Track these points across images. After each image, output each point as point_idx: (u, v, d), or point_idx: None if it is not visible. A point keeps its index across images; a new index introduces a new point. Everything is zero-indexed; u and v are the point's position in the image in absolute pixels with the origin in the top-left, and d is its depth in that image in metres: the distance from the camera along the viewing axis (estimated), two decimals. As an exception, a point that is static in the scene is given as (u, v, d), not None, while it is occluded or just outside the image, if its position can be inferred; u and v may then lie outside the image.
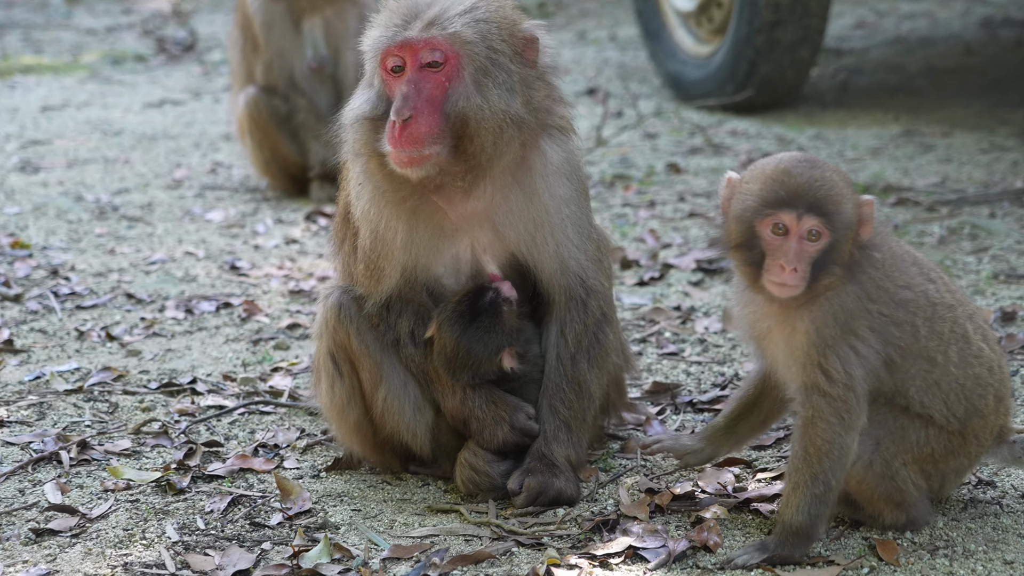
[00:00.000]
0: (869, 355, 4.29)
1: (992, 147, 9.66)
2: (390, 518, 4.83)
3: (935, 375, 4.37)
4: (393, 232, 4.86)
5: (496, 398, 4.94)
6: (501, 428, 4.92)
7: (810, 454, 4.29)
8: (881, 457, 4.36)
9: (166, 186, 9.81)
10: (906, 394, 4.36)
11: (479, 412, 4.93)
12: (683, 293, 7.10)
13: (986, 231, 7.75)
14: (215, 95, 13.12)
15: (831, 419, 4.27)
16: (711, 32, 11.25)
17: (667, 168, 9.66)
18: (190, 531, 4.77)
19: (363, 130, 4.78)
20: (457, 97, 4.67)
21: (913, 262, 4.43)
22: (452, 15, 4.71)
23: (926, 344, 4.35)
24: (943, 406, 4.37)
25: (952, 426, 4.39)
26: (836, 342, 4.26)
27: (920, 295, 4.36)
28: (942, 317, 4.38)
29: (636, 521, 4.65)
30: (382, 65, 4.74)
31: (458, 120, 4.67)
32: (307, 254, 8.12)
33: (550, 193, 4.87)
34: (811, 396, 4.29)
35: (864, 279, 4.30)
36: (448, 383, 4.95)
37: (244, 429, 5.65)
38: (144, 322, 6.95)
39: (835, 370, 4.26)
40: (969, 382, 4.40)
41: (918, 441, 4.38)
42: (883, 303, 4.31)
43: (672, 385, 5.83)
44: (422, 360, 4.97)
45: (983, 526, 4.53)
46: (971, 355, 4.41)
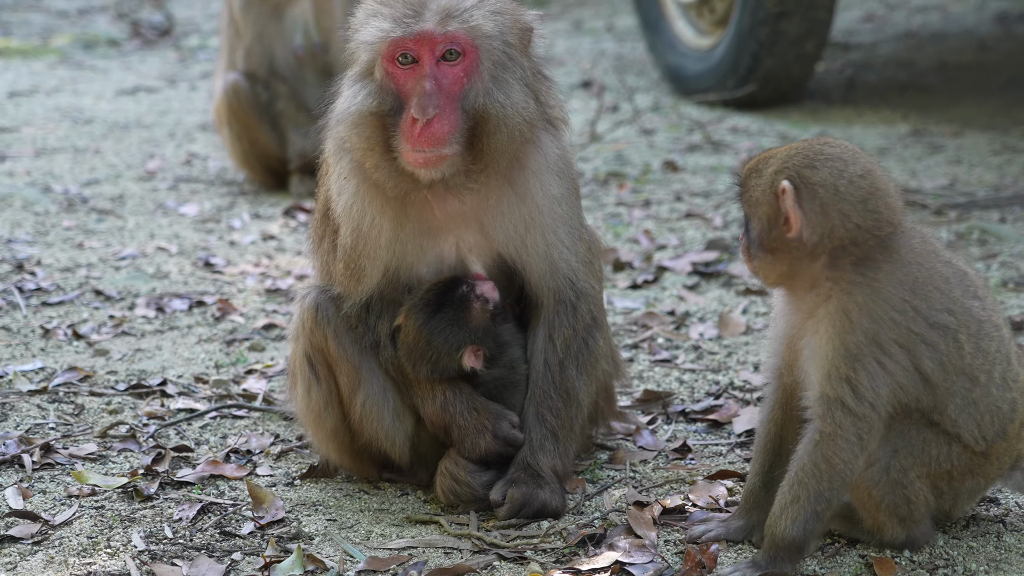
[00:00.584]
0: (896, 372, 4.20)
1: (1004, 148, 9.59)
2: (367, 529, 4.75)
3: (975, 394, 4.28)
4: (378, 230, 4.76)
5: (478, 405, 4.84)
6: (484, 437, 4.81)
7: (821, 470, 4.20)
8: (899, 464, 4.28)
9: (138, 178, 9.72)
10: (944, 411, 4.27)
11: (460, 419, 4.82)
12: (678, 297, 7.02)
13: (996, 236, 7.67)
14: (192, 82, 13.05)
15: (851, 438, 4.19)
16: (713, 23, 11.15)
17: (664, 166, 9.58)
18: (157, 540, 4.67)
19: (367, 125, 4.64)
20: (476, 93, 4.59)
21: (960, 280, 4.32)
22: (468, 6, 4.61)
23: (971, 362, 4.27)
24: (976, 427, 4.29)
25: (979, 447, 4.31)
26: (863, 355, 4.17)
27: (963, 311, 4.26)
28: (989, 335, 4.30)
29: (624, 535, 4.56)
30: (388, 57, 4.60)
31: (477, 117, 4.58)
32: (285, 251, 8.03)
33: (543, 192, 4.79)
34: (834, 410, 4.18)
35: (890, 291, 4.19)
36: (428, 387, 4.84)
37: (216, 434, 5.56)
38: (113, 320, 6.85)
39: (863, 386, 4.17)
40: (1005, 405, 4.33)
41: (939, 457, 4.30)
42: (913, 321, 4.21)
43: (664, 393, 5.74)
44: (401, 364, 4.87)
45: (985, 545, 4.45)
46: (1011, 378, 4.35)
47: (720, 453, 5.23)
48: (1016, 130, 10.05)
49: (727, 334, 6.39)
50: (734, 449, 5.25)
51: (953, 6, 14.68)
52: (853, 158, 4.25)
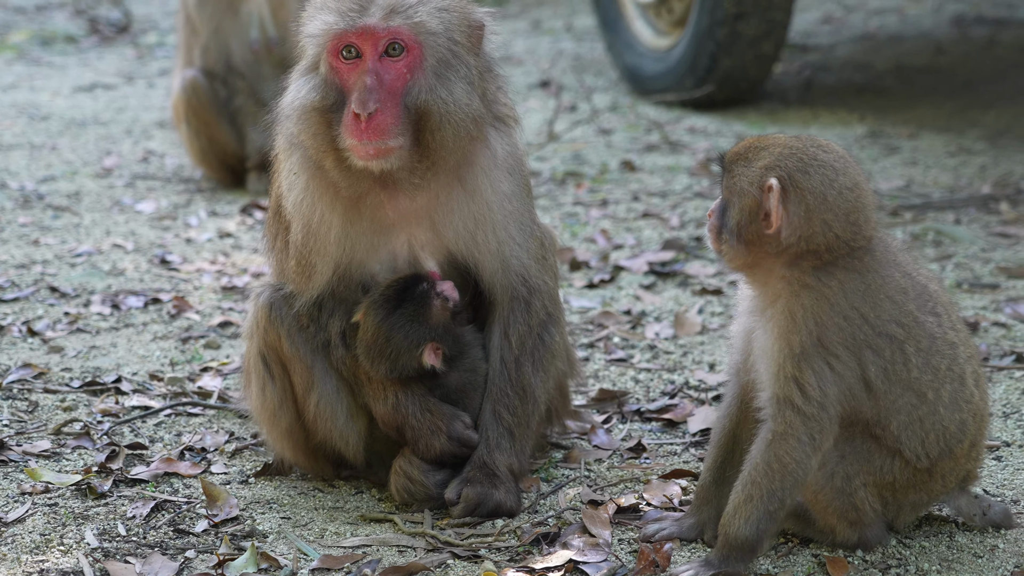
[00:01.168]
0: (844, 373, 4.20)
1: (960, 150, 9.61)
2: (321, 527, 4.73)
3: (921, 411, 4.28)
4: (327, 226, 4.74)
5: (431, 406, 4.82)
6: (438, 438, 4.80)
7: (773, 469, 4.19)
8: (844, 471, 4.28)
9: (95, 174, 9.66)
10: (886, 426, 4.27)
11: (413, 421, 4.81)
12: (634, 297, 7.00)
13: (951, 238, 7.69)
14: (149, 79, 12.98)
15: (803, 437, 4.19)
16: (671, 24, 11.14)
17: (621, 166, 9.56)
18: (110, 537, 4.65)
19: (312, 121, 4.63)
20: (419, 90, 4.57)
21: (918, 295, 4.31)
22: (413, 2, 4.60)
23: (918, 376, 4.26)
24: (919, 445, 4.30)
25: (921, 464, 4.32)
26: (809, 356, 4.17)
27: (915, 324, 4.26)
28: (940, 352, 4.29)
29: (579, 534, 4.55)
30: (332, 51, 4.59)
31: (419, 113, 4.56)
32: (242, 248, 7.98)
33: (492, 189, 4.77)
34: (784, 410, 4.19)
35: (838, 298, 4.20)
36: (380, 388, 4.82)
37: (170, 431, 5.53)
38: (68, 317, 6.81)
39: (810, 386, 4.17)
40: (954, 426, 4.33)
41: (882, 467, 4.31)
42: (859, 327, 4.21)
43: (619, 393, 5.73)
44: (354, 363, 4.85)
45: (938, 545, 4.46)
46: (963, 399, 4.34)
47: (675, 452, 5.24)
48: (972, 132, 10.08)
49: (683, 334, 6.39)
50: (688, 448, 5.26)
51: (910, 9, 14.72)
52: (844, 168, 4.24)
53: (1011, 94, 11.04)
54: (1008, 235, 7.70)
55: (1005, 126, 10.17)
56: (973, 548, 4.42)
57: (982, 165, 9.19)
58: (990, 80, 11.52)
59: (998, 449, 5.10)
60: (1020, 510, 4.65)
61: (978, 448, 4.41)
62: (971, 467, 4.43)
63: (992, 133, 10.00)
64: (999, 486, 4.81)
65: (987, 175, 8.93)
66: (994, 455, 5.06)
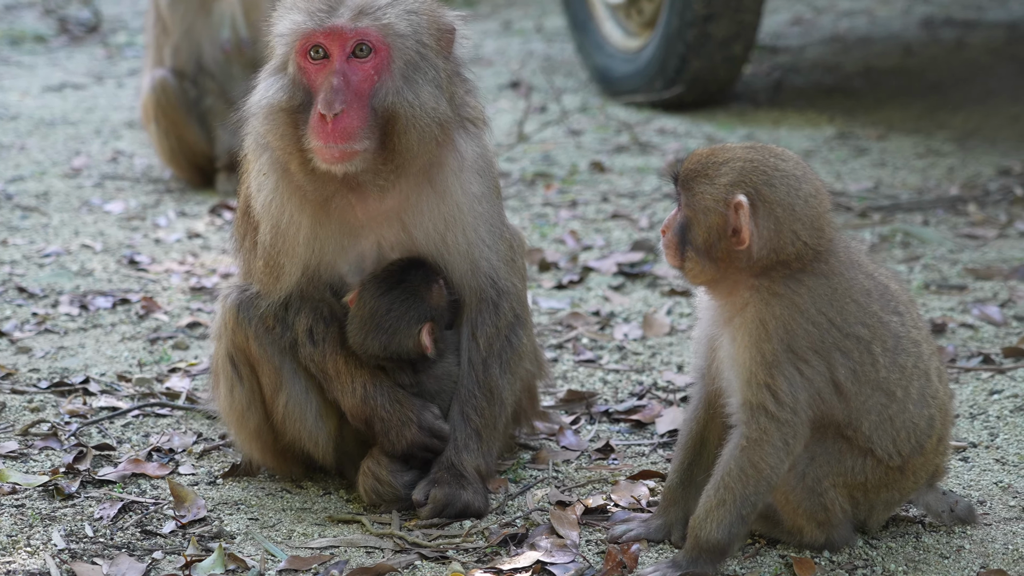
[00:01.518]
0: (814, 378, 4.21)
1: (928, 152, 9.63)
2: (289, 528, 4.72)
3: (892, 410, 4.30)
4: (296, 227, 4.73)
5: (400, 397, 4.82)
6: (408, 428, 4.80)
7: (748, 475, 4.21)
8: (814, 473, 4.30)
9: (64, 175, 9.61)
10: (857, 427, 4.28)
11: (382, 412, 4.80)
12: (603, 298, 7.00)
13: (919, 239, 7.71)
14: (119, 79, 12.93)
15: (777, 443, 4.20)
16: (641, 25, 11.14)
17: (591, 167, 9.56)
18: (78, 538, 4.64)
19: (278, 121, 4.62)
20: (386, 92, 4.56)
21: (881, 294, 4.32)
22: (382, 4, 4.60)
23: (886, 375, 4.28)
24: (891, 444, 4.31)
25: (894, 462, 4.33)
26: (780, 362, 4.19)
27: (879, 324, 4.27)
28: (906, 351, 4.31)
29: (546, 535, 4.56)
30: (300, 51, 4.59)
31: (386, 115, 4.55)
32: (211, 249, 7.96)
33: (463, 191, 4.77)
34: (758, 416, 4.20)
35: (807, 304, 4.21)
36: (348, 380, 4.81)
37: (138, 432, 5.51)
38: (36, 317, 6.78)
39: (783, 392, 4.19)
40: (923, 422, 4.35)
41: (853, 468, 4.32)
42: (828, 331, 4.22)
43: (588, 394, 5.73)
44: (321, 359, 4.83)
45: (904, 545, 4.48)
46: (929, 394, 4.36)
47: (643, 453, 5.24)
48: (940, 133, 10.11)
49: (651, 335, 6.40)
50: (656, 449, 5.26)
51: (880, 11, 14.74)
52: (804, 175, 4.25)
53: (979, 96, 11.08)
54: (976, 236, 7.73)
55: (973, 128, 10.20)
56: (939, 549, 4.44)
57: (950, 167, 9.22)
58: (959, 82, 11.56)
59: (965, 450, 5.12)
60: (986, 510, 4.66)
61: (945, 442, 4.43)
62: (939, 461, 4.45)
63: (960, 135, 10.03)
64: (966, 487, 4.83)
65: (955, 177, 8.96)
66: (961, 456, 5.08)
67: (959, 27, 13.63)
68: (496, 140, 10.00)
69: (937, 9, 14.50)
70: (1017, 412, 5.40)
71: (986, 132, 10.06)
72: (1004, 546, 4.43)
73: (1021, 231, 7.79)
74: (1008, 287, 6.82)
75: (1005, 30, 13.35)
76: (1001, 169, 9.04)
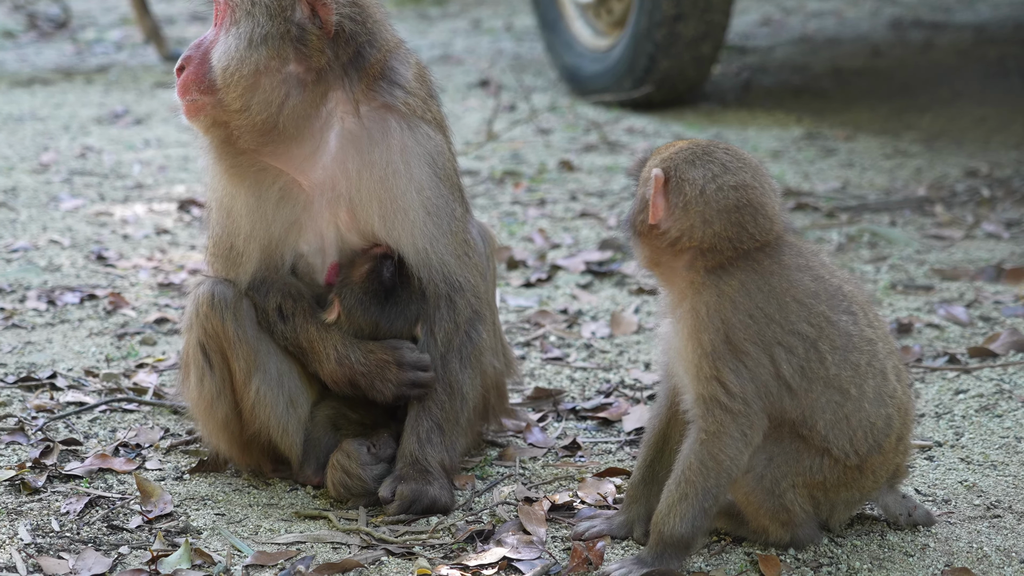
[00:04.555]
0: (757, 370, 4.21)
1: (896, 152, 9.66)
2: (255, 523, 4.72)
3: (847, 408, 4.30)
4: (232, 199, 4.82)
5: (371, 347, 4.85)
6: (389, 370, 4.82)
7: (708, 467, 4.21)
8: (772, 474, 4.30)
9: (32, 170, 9.58)
10: (813, 426, 4.28)
11: (359, 367, 4.83)
12: (571, 296, 7.00)
13: (886, 239, 7.73)
14: (88, 76, 12.88)
15: (735, 434, 4.20)
16: (610, 24, 11.15)
17: (560, 165, 9.56)
18: (44, 533, 4.62)
19: None
20: (217, 46, 4.66)
21: (830, 296, 4.31)
22: None
23: (837, 372, 4.27)
24: (847, 443, 4.31)
25: (851, 461, 4.33)
26: (721, 354, 4.20)
27: (826, 324, 4.27)
28: (859, 349, 4.30)
29: (513, 531, 4.56)
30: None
31: (215, 70, 4.67)
32: (179, 245, 7.93)
33: (408, 176, 4.78)
34: (712, 409, 4.21)
35: (739, 298, 4.21)
36: (320, 349, 4.84)
37: (105, 427, 5.49)
38: (3, 313, 6.75)
39: (731, 383, 4.19)
40: (880, 421, 4.34)
41: (811, 467, 4.33)
42: (766, 326, 4.22)
43: (555, 391, 5.74)
44: (293, 334, 4.87)
45: (869, 543, 4.48)
46: (887, 393, 4.35)
47: (609, 451, 5.25)
48: (908, 134, 10.14)
49: (619, 333, 6.40)
50: (623, 447, 5.27)
51: (848, 11, 14.79)
52: (736, 167, 4.25)
53: (947, 97, 11.12)
54: (943, 237, 7.76)
55: (940, 129, 10.24)
56: (904, 547, 4.45)
57: (918, 167, 9.25)
58: (926, 83, 11.60)
59: (930, 449, 5.14)
60: (951, 509, 4.68)
61: (905, 442, 4.44)
62: (900, 461, 4.46)
63: (928, 136, 10.07)
64: (931, 486, 4.85)
65: (922, 178, 8.99)
66: (926, 455, 5.09)
67: (927, 29, 13.69)
68: (465, 138, 10.03)
69: (905, 11, 14.56)
70: (982, 412, 5.42)
71: (953, 133, 10.10)
72: (968, 544, 4.44)
73: (987, 232, 7.82)
74: (974, 288, 6.84)
75: (972, 32, 13.42)
76: (968, 170, 9.07)
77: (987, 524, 4.58)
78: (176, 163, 9.80)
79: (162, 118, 11.22)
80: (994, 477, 4.89)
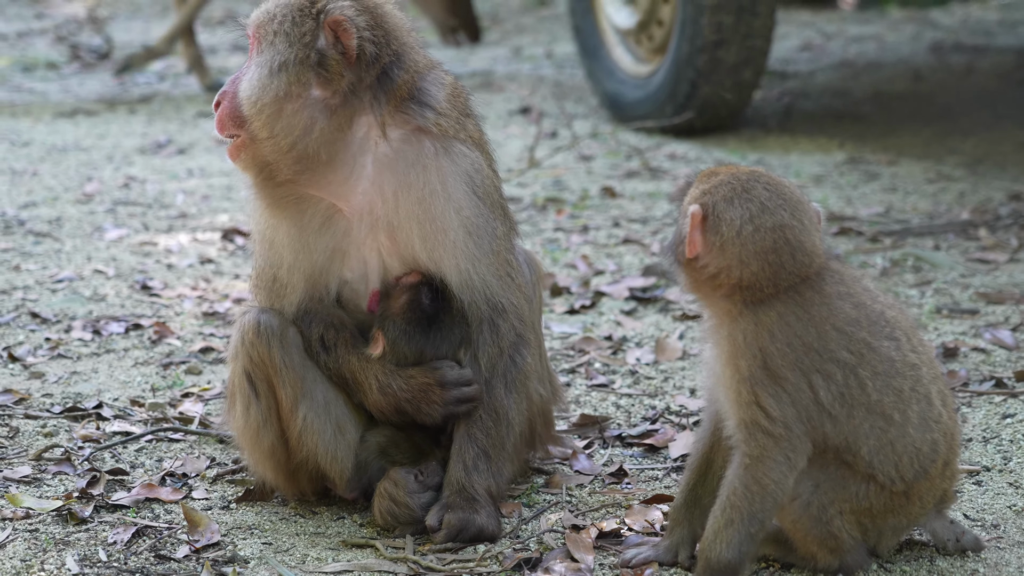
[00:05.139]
0: (797, 396, 4.20)
1: (939, 177, 9.63)
2: (302, 552, 4.71)
3: (891, 434, 4.27)
4: (274, 231, 4.84)
5: (413, 372, 4.84)
6: (433, 392, 4.82)
7: (753, 492, 4.20)
8: (819, 501, 4.28)
9: (76, 200, 9.62)
10: (857, 452, 4.26)
11: (404, 393, 4.83)
12: (615, 322, 6.99)
13: (930, 264, 7.70)
14: (130, 106, 12.95)
15: (779, 458, 4.19)
16: (651, 51, 11.15)
17: (602, 192, 9.55)
18: (91, 563, 4.62)
19: None
20: (244, 78, 4.72)
21: (872, 323, 4.29)
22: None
23: (879, 399, 4.25)
24: (893, 469, 4.29)
25: (897, 487, 4.31)
26: (759, 379, 4.19)
27: (868, 351, 4.24)
28: (902, 374, 4.28)
29: (560, 559, 4.54)
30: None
31: (242, 102, 4.72)
32: (223, 274, 7.95)
33: (446, 197, 4.77)
34: (755, 434, 4.20)
35: (777, 328, 4.21)
36: (364, 380, 4.85)
37: (151, 457, 5.50)
38: (49, 343, 6.77)
39: (771, 408, 4.18)
40: (926, 447, 4.32)
41: (857, 494, 4.30)
42: (804, 354, 4.21)
43: (600, 418, 5.72)
44: (336, 365, 4.88)
45: (919, 569, 4.46)
46: (932, 418, 4.33)
47: (656, 477, 5.24)
48: (951, 158, 10.11)
49: (663, 359, 6.39)
50: (670, 473, 5.25)
51: (889, 36, 14.77)
52: (775, 206, 4.24)
53: (989, 121, 11.08)
54: (987, 261, 7.73)
55: (983, 153, 10.21)
56: (954, 572, 4.42)
57: (961, 191, 9.22)
58: (968, 107, 11.56)
59: (978, 474, 5.11)
60: (1000, 534, 4.65)
61: (951, 467, 4.41)
62: (947, 486, 4.43)
63: (971, 160, 10.03)
64: (979, 511, 4.82)
65: (966, 201, 8.96)
66: (974, 480, 5.07)
67: (968, 52, 13.65)
68: (507, 165, 10.04)
69: (946, 34, 14.53)
70: (1030, 436, 5.40)
71: (996, 157, 10.06)
72: (1019, 570, 4.41)
73: (1032, 255, 7.79)
74: (1020, 311, 6.81)
75: (1014, 55, 13.38)
76: (1012, 194, 9.04)
77: (1037, 549, 4.55)
78: (219, 192, 9.83)
79: (205, 147, 11.27)
80: (1044, 502, 4.87)
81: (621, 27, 11.30)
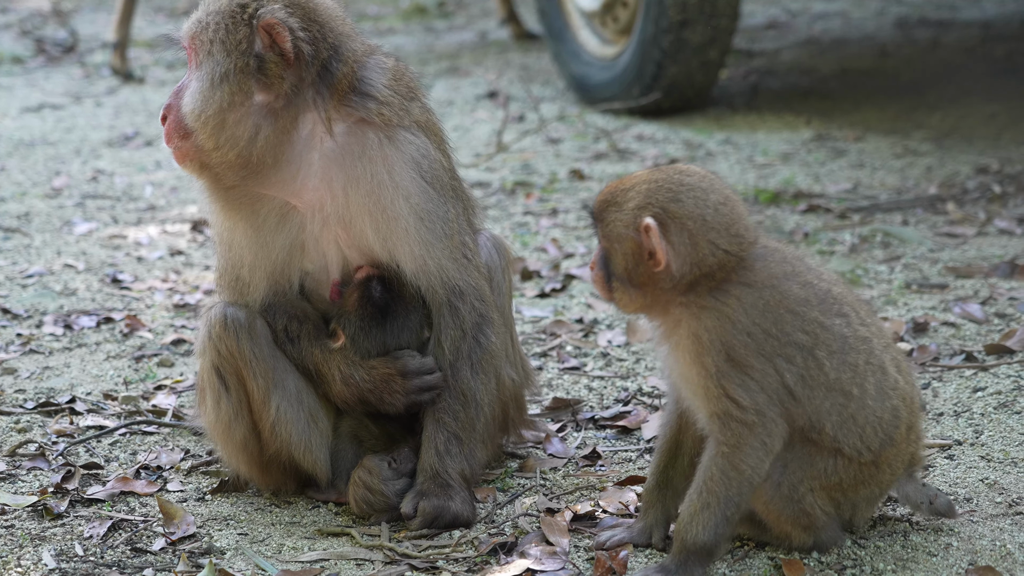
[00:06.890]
0: (764, 381, 4.22)
1: (906, 152, 9.65)
2: (278, 542, 4.72)
3: (851, 409, 4.30)
4: (231, 232, 4.86)
5: (375, 363, 4.86)
6: (395, 382, 4.84)
7: (730, 477, 4.22)
8: (788, 480, 4.30)
9: (44, 195, 9.59)
10: (821, 430, 4.29)
11: (366, 384, 4.85)
12: (586, 305, 7.00)
13: (899, 239, 7.73)
14: (97, 99, 12.89)
15: (755, 444, 4.21)
16: (616, 32, 11.14)
17: (570, 175, 9.56)
18: (68, 558, 4.63)
19: None
20: (186, 91, 4.72)
21: (820, 300, 4.31)
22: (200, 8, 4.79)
23: (837, 376, 4.28)
24: (858, 440, 4.31)
25: (864, 458, 4.34)
26: (726, 372, 4.21)
27: (821, 330, 4.27)
28: (855, 349, 4.31)
29: (536, 543, 4.55)
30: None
31: (185, 115, 4.72)
32: (193, 266, 7.94)
33: (394, 185, 4.77)
34: (729, 424, 4.21)
35: (738, 316, 4.22)
36: (326, 371, 4.87)
37: (125, 450, 5.50)
38: (20, 338, 6.76)
39: (741, 397, 4.20)
40: (887, 415, 4.35)
41: (826, 469, 4.33)
42: (765, 341, 4.23)
43: (573, 401, 5.73)
44: (299, 356, 4.90)
45: (892, 544, 4.48)
46: (888, 387, 4.36)
47: (629, 459, 5.25)
48: (917, 133, 10.13)
49: (635, 341, 6.40)
50: (643, 455, 5.26)
51: (854, 12, 14.78)
52: (711, 186, 4.28)
53: (955, 95, 11.11)
54: (955, 235, 7.76)
55: (950, 127, 10.23)
56: (927, 547, 4.44)
57: (928, 166, 9.25)
58: (935, 82, 11.58)
59: (950, 448, 5.14)
60: (973, 507, 4.67)
61: (916, 430, 4.44)
62: (914, 449, 4.46)
63: (937, 134, 10.06)
64: (952, 484, 4.84)
65: (933, 176, 8.98)
66: (946, 454, 5.09)
67: (933, 27, 13.67)
68: (475, 150, 10.04)
69: (911, 10, 14.55)
70: (1001, 409, 5.42)
71: (963, 131, 10.09)
72: (992, 543, 4.43)
73: (1000, 228, 7.81)
74: (989, 284, 6.84)
75: (979, 29, 13.40)
76: (979, 167, 9.07)
77: (1009, 521, 4.57)
78: (187, 183, 9.77)
79: (172, 139, 11.20)
80: (1015, 474, 4.89)
81: (586, 9, 11.28)
